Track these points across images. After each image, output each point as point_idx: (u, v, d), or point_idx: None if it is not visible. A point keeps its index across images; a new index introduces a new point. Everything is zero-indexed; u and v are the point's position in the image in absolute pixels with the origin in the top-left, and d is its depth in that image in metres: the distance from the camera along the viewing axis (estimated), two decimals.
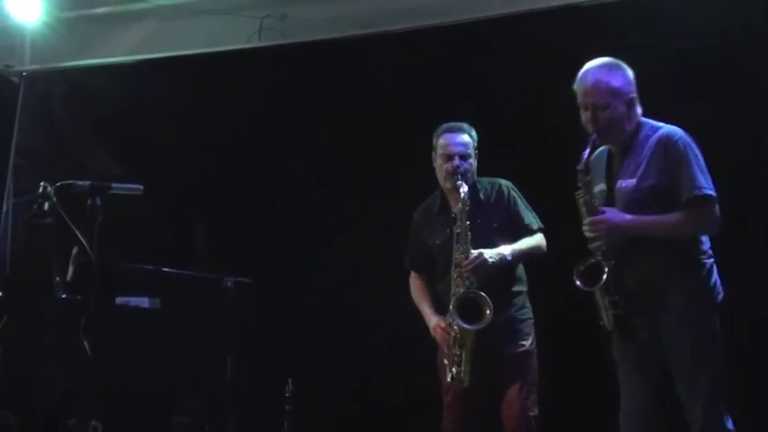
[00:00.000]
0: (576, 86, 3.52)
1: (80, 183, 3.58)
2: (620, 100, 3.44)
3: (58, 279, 4.20)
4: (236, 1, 5.58)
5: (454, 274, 3.96)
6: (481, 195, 4.12)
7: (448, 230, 4.07)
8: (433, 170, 4.17)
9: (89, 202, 3.52)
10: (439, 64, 5.23)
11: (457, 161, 4.04)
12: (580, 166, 3.46)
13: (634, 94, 3.48)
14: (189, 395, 4.64)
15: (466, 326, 3.87)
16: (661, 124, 3.47)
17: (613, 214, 3.42)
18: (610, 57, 3.54)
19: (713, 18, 4.45)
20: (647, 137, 3.45)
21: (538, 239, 4.10)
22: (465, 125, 4.14)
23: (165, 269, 4.72)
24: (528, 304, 4.12)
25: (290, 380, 4.69)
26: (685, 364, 3.32)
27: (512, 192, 4.14)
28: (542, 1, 4.97)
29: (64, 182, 3.60)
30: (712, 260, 3.41)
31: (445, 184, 4.11)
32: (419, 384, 4.13)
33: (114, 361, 3.89)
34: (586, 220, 3.44)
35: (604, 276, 3.39)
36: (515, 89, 4.97)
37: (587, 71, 3.50)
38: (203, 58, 5.68)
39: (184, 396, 4.64)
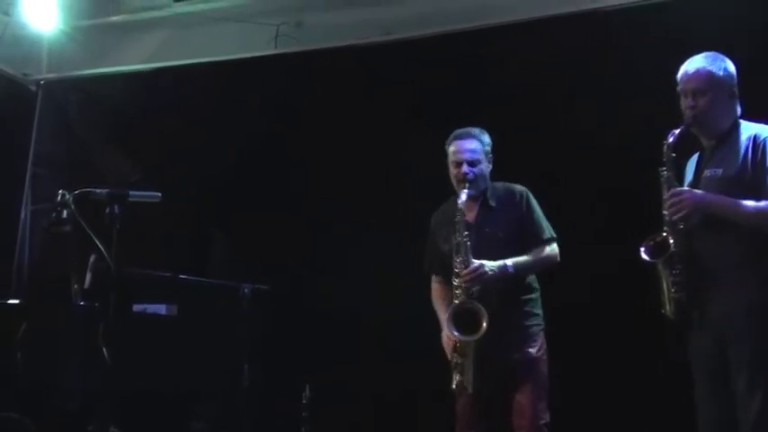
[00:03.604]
0: (678, 76, 3.51)
1: (98, 190, 3.60)
2: (721, 90, 3.44)
3: (75, 286, 4.20)
4: (251, 8, 5.61)
5: (455, 283, 3.96)
6: (492, 203, 4.12)
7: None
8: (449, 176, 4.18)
9: (107, 209, 3.54)
10: (457, 71, 5.23)
11: (465, 168, 4.06)
12: (668, 142, 3.45)
13: (735, 88, 3.48)
14: (206, 401, 4.64)
15: (459, 336, 3.89)
16: (758, 125, 3.46)
17: (697, 191, 3.41)
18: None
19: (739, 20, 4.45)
20: (742, 135, 3.43)
21: (547, 251, 4.05)
22: (476, 130, 4.15)
23: (181, 276, 4.73)
24: (538, 311, 4.09)
25: (307, 386, 4.70)
26: (745, 361, 3.27)
27: (525, 199, 4.11)
28: (564, 6, 4.97)
29: (82, 190, 3.62)
30: None
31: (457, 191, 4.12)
32: (435, 390, 4.13)
33: (132, 367, 3.88)
34: (669, 192, 3.41)
35: (671, 249, 3.38)
36: (537, 95, 4.97)
37: (690, 60, 3.50)
38: (219, 65, 5.69)
39: (201, 402, 4.64)
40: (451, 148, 4.14)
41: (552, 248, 4.07)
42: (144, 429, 4.23)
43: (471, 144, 4.10)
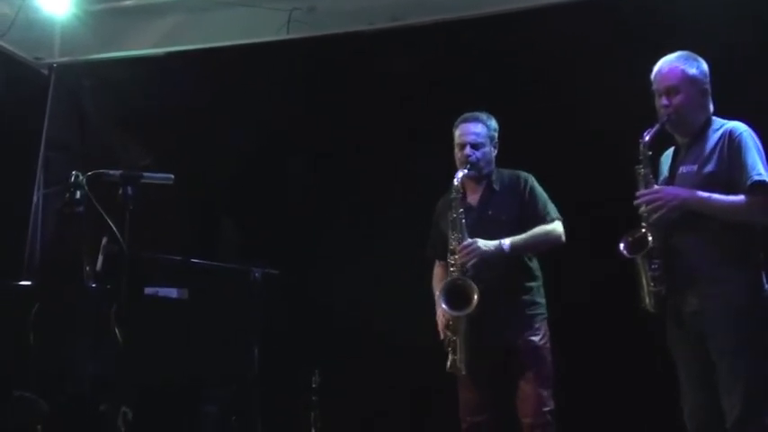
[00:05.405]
0: (652, 75, 3.56)
1: (112, 172, 3.60)
2: (694, 88, 3.49)
3: (87, 268, 4.21)
4: None
5: (450, 261, 3.98)
6: (496, 186, 4.15)
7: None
8: None
9: (120, 191, 3.54)
10: (468, 56, 5.23)
11: (468, 150, 4.10)
12: (643, 140, 3.49)
13: (707, 86, 3.52)
14: (216, 385, 4.65)
15: (449, 310, 3.93)
16: (731, 121, 3.49)
17: (672, 188, 3.45)
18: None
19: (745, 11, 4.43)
20: (715, 131, 3.47)
21: (549, 229, 4.06)
22: (483, 115, 4.18)
23: (193, 260, 4.74)
24: (540, 300, 4.11)
25: (316, 371, 4.71)
26: (726, 352, 3.30)
27: (529, 183, 4.14)
28: None
29: (96, 171, 3.62)
30: (762, 254, 3.40)
31: None
32: (440, 379, 4.14)
33: (143, 350, 3.89)
34: (645, 190, 3.45)
35: (649, 245, 3.41)
36: (545, 81, 4.97)
37: (663, 59, 3.56)
38: (231, 50, 5.69)
39: (212, 386, 4.65)
40: (457, 131, 4.18)
41: (554, 226, 4.07)
42: (154, 412, 4.24)
43: (476, 127, 4.14)
